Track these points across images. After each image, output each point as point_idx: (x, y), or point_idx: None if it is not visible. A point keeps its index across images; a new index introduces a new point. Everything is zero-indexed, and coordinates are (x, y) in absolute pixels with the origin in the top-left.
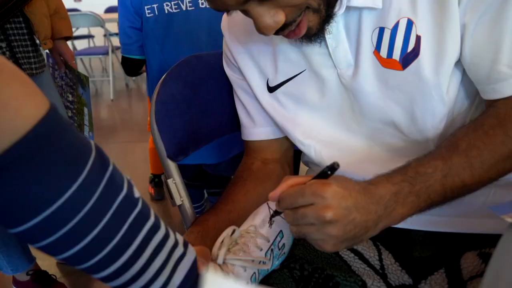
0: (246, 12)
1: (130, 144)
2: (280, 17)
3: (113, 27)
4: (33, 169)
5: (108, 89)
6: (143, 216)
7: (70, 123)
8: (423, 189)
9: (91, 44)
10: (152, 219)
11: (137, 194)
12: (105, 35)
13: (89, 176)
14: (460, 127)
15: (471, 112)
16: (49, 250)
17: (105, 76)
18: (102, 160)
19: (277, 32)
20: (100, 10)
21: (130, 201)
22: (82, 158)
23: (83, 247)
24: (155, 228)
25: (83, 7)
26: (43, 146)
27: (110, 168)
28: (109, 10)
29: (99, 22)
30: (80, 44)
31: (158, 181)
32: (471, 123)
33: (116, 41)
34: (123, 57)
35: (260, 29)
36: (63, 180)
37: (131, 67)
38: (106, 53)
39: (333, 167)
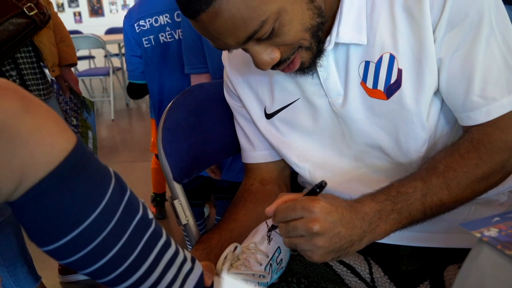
0: (245, 50)
1: (131, 164)
2: (276, 55)
3: (114, 48)
4: (65, 194)
5: (109, 109)
6: (157, 235)
7: (92, 153)
8: (405, 207)
9: (92, 65)
10: (164, 238)
11: (150, 215)
12: (105, 56)
13: (111, 200)
14: (439, 151)
15: (452, 136)
16: (75, 265)
17: (105, 96)
18: (121, 186)
19: (273, 67)
20: (100, 32)
21: (145, 221)
22: (104, 184)
23: (105, 262)
24: (166, 246)
25: (84, 28)
26: (73, 175)
27: (128, 192)
28: (110, 31)
29: (101, 44)
30: (81, 65)
31: (159, 200)
32: (449, 147)
33: (116, 62)
34: (129, 83)
35: (258, 65)
36: (89, 204)
37: (135, 91)
38: (107, 74)
39: (321, 185)
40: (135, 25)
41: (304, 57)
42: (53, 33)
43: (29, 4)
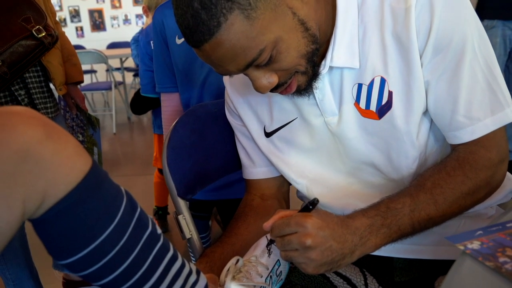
0: (245, 74)
1: (133, 177)
2: (273, 79)
3: (115, 63)
4: (82, 212)
5: (110, 122)
6: (165, 248)
7: (106, 173)
8: (394, 222)
9: (94, 79)
10: (171, 251)
11: (159, 230)
12: (107, 70)
13: (123, 217)
14: (427, 169)
15: (441, 153)
16: (91, 277)
17: (107, 110)
18: (132, 203)
19: (271, 90)
20: (102, 46)
21: (154, 236)
22: (117, 202)
23: (118, 274)
24: (174, 259)
25: (86, 43)
26: (89, 194)
27: (138, 210)
28: (111, 46)
29: (103, 59)
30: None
31: (162, 214)
32: (436, 165)
33: (118, 76)
34: (132, 98)
35: (257, 89)
36: (104, 220)
37: (140, 106)
38: (109, 88)
39: (313, 202)
40: (151, 42)
41: (300, 80)
42: (60, 52)
43: (37, 26)
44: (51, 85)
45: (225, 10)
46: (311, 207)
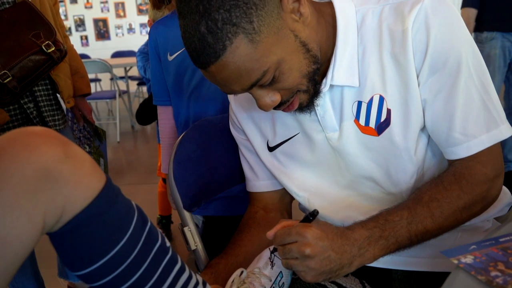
0: (249, 93)
1: (136, 186)
2: (276, 98)
3: (120, 72)
4: (97, 226)
5: (114, 131)
6: (173, 260)
7: (119, 188)
8: (392, 234)
9: (98, 87)
10: (179, 263)
11: (168, 243)
12: (111, 79)
13: (135, 230)
14: (425, 183)
15: (438, 168)
16: None
17: (111, 118)
18: (143, 218)
19: (274, 108)
20: (107, 55)
21: (163, 249)
22: (129, 216)
23: (129, 285)
24: (181, 270)
25: (91, 51)
26: (104, 208)
27: (149, 223)
28: (116, 55)
29: (108, 68)
30: None
31: (165, 223)
32: (433, 180)
33: (122, 85)
34: (138, 109)
35: (261, 107)
36: (117, 233)
37: (150, 115)
38: (114, 97)
39: (313, 213)
40: None
41: (302, 98)
42: (68, 66)
43: (47, 42)
44: (59, 97)
45: (230, 34)
46: (311, 218)
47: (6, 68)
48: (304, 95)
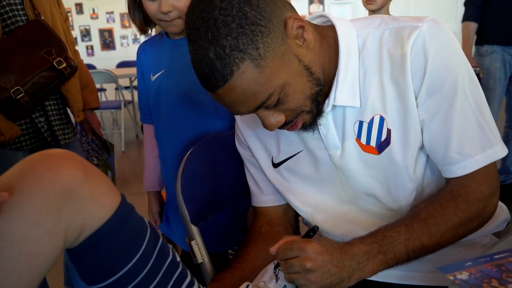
0: (255, 113)
1: (141, 196)
2: (281, 118)
3: (125, 82)
4: (113, 242)
5: (119, 141)
6: (183, 275)
7: (132, 206)
8: (390, 249)
9: (103, 97)
10: (189, 278)
11: (178, 258)
12: (116, 89)
13: (148, 246)
14: (422, 200)
15: (437, 185)
16: None
17: (115, 128)
18: (155, 234)
19: (279, 127)
20: (112, 65)
21: (174, 264)
22: (142, 232)
23: None
24: (191, 284)
25: (96, 61)
26: (119, 226)
27: (161, 240)
28: (121, 64)
29: (113, 78)
30: None
31: None
32: (431, 197)
33: (127, 95)
34: None
35: (266, 127)
36: (131, 249)
37: None
38: (119, 107)
39: (314, 229)
40: None
41: (305, 118)
42: (78, 81)
43: (58, 58)
44: (69, 111)
45: (237, 60)
46: (312, 233)
47: (19, 84)
48: (308, 115)
